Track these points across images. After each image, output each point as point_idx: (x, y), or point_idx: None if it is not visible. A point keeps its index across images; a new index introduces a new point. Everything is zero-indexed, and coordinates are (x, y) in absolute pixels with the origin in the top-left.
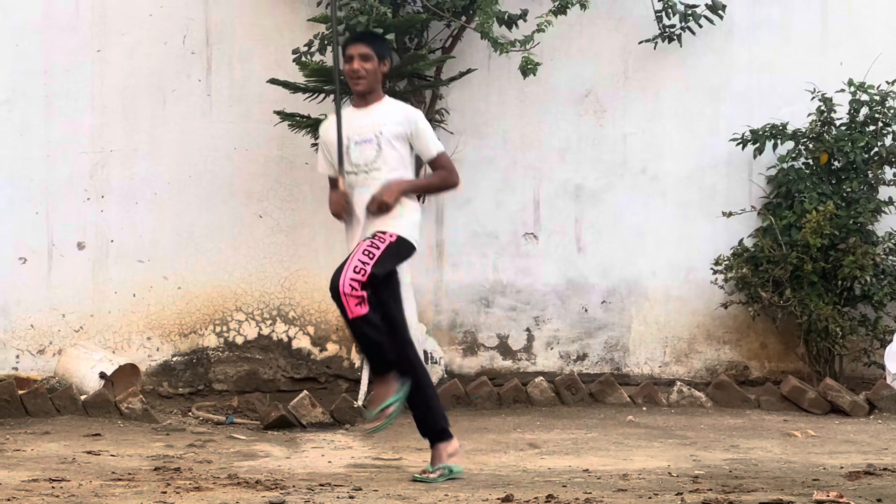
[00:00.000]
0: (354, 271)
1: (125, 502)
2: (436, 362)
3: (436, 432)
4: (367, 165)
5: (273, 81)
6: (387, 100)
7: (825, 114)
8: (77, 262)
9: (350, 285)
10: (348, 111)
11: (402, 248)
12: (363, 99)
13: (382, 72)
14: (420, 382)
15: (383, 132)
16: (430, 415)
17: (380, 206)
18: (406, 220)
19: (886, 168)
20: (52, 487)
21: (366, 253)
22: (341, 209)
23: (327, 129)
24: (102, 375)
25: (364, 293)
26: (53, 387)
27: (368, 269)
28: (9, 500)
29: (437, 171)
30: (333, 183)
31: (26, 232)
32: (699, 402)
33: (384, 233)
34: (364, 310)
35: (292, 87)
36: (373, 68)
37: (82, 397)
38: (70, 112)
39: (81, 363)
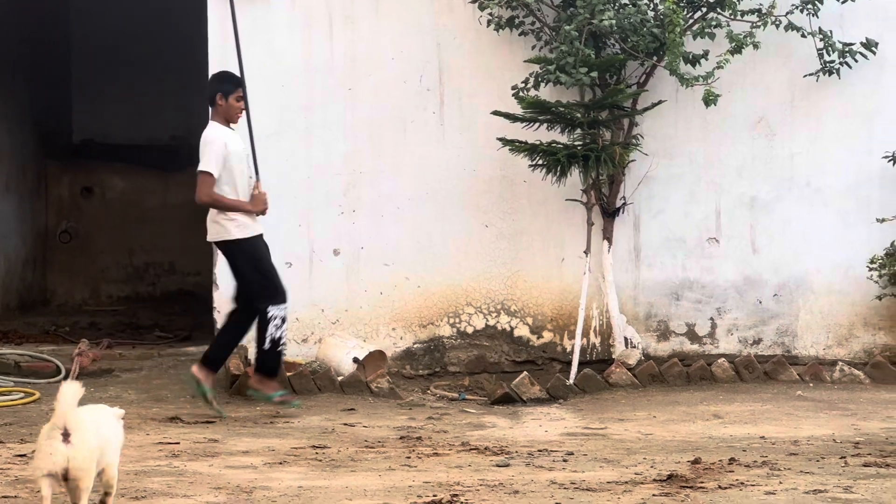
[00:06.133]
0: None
1: (377, 465)
2: (634, 346)
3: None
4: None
5: (496, 113)
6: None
7: None
8: (333, 266)
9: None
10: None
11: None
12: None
13: None
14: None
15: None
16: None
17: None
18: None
19: None
20: (316, 452)
21: None
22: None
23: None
24: (355, 360)
25: None
26: (315, 370)
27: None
28: (281, 462)
29: None
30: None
31: (292, 241)
32: (858, 380)
33: None
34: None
35: (512, 118)
36: None
37: (339, 378)
38: (327, 141)
39: (338, 350)
